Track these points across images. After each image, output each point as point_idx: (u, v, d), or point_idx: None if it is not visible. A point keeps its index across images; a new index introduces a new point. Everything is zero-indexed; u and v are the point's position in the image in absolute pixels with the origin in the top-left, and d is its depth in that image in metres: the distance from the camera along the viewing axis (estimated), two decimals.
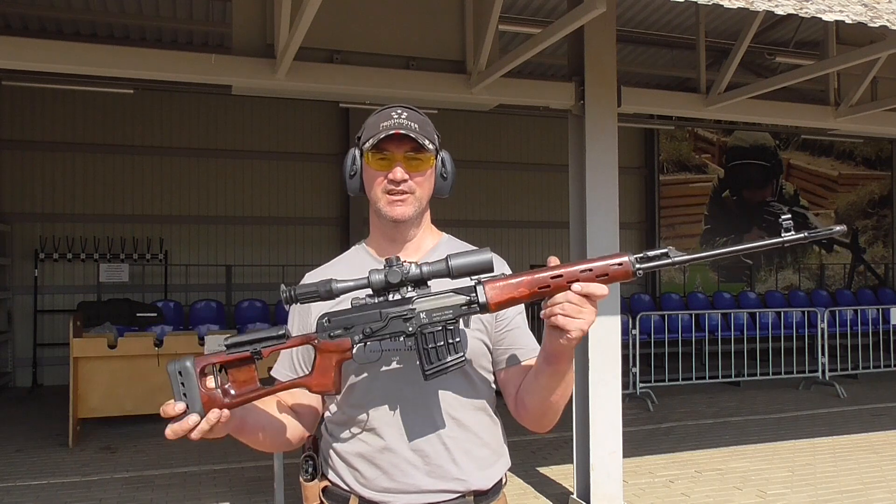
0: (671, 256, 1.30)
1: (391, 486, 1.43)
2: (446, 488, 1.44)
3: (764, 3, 3.00)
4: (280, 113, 10.06)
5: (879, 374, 9.31)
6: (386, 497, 1.44)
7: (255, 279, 10.00)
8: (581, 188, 4.48)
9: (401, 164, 1.45)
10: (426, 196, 1.51)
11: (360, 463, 1.46)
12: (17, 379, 9.06)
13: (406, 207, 1.47)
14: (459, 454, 1.45)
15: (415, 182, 1.47)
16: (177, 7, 7.74)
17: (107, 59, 3.85)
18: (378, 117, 1.49)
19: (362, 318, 1.33)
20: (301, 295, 1.32)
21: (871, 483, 5.04)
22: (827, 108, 5.65)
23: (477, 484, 1.47)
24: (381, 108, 1.53)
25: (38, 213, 9.19)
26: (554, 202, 11.12)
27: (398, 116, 1.47)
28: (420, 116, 1.51)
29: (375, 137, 1.44)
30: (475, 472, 1.47)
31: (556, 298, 1.28)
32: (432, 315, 1.32)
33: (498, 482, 1.53)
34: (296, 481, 5.24)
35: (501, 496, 1.55)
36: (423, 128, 1.48)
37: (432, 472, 1.43)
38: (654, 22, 8.34)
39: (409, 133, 1.42)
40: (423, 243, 1.57)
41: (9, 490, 4.93)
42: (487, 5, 4.07)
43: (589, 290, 1.28)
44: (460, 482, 1.45)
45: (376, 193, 1.48)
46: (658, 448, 5.95)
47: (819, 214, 12.86)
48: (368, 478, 1.45)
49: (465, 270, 1.31)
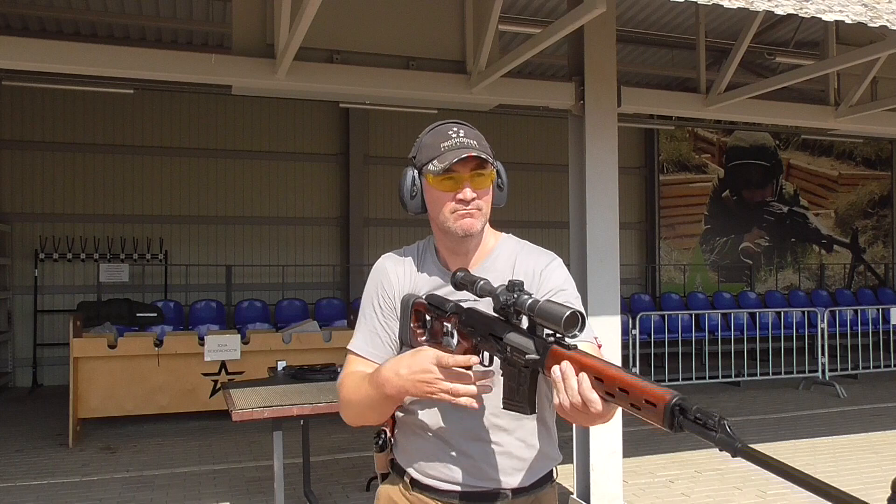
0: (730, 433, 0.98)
1: (436, 474, 1.53)
2: (484, 487, 1.52)
3: (764, 3, 3.00)
4: (280, 113, 10.06)
5: (879, 374, 9.31)
6: (431, 482, 1.54)
7: (255, 279, 10.00)
8: (581, 188, 4.48)
9: (468, 183, 1.48)
10: (489, 209, 1.55)
11: (414, 448, 1.57)
12: (17, 379, 9.06)
13: (475, 222, 1.50)
14: (501, 458, 1.52)
15: (481, 199, 1.51)
16: (177, 7, 7.74)
17: (107, 59, 3.85)
18: (435, 137, 1.51)
19: (484, 323, 1.36)
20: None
21: (872, 483, 5.04)
22: (827, 108, 5.64)
23: (516, 483, 1.53)
24: (434, 125, 1.55)
25: (38, 213, 9.19)
26: (554, 202, 11.12)
27: (457, 135, 1.48)
28: (474, 131, 1.53)
29: (443, 160, 1.45)
30: (515, 474, 1.53)
31: (558, 391, 1.19)
32: (513, 353, 1.29)
33: (542, 478, 1.58)
34: (296, 481, 5.22)
35: (549, 489, 1.61)
36: (481, 143, 1.50)
37: (472, 470, 1.51)
38: (654, 22, 8.34)
39: (479, 154, 1.45)
40: (486, 245, 1.61)
41: (9, 490, 4.93)
42: (487, 5, 4.06)
43: (584, 392, 1.16)
44: (497, 482, 1.52)
45: (444, 213, 1.51)
46: (658, 448, 5.95)
47: (819, 214, 12.86)
48: (419, 463, 1.55)
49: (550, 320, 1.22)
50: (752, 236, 12.41)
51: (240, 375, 6.36)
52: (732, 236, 12.26)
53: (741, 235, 12.31)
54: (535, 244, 1.64)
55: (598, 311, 4.42)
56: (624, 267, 6.77)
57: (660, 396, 1.04)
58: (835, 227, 13.00)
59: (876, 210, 13.30)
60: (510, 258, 1.59)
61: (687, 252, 12.05)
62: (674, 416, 1.03)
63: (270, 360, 5.49)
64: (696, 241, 12.07)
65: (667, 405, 1.03)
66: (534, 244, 1.64)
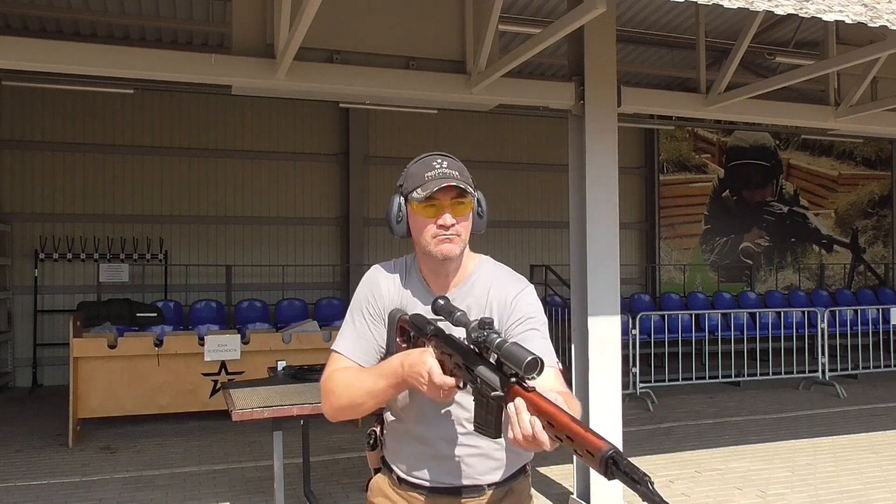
0: (652, 490, 1.11)
1: (420, 474, 1.70)
2: (464, 483, 1.68)
3: (764, 3, 3.00)
4: (280, 113, 10.06)
5: (879, 374, 9.31)
6: (416, 480, 1.71)
7: (255, 279, 10.00)
8: (581, 188, 4.48)
9: (448, 210, 1.63)
10: (468, 234, 1.70)
11: (399, 448, 1.74)
12: (17, 379, 9.05)
13: (453, 247, 1.65)
14: (478, 460, 1.68)
15: (460, 225, 1.65)
16: (177, 7, 7.74)
17: (107, 59, 3.85)
18: (420, 167, 1.66)
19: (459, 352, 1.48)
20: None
21: (872, 483, 5.04)
22: (827, 108, 5.64)
23: (493, 479, 1.69)
24: (420, 157, 1.70)
25: (38, 213, 9.19)
26: (554, 202, 11.12)
27: (440, 166, 1.64)
28: (457, 163, 1.69)
29: (426, 188, 1.60)
30: (492, 473, 1.69)
31: (512, 425, 1.31)
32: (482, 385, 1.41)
33: (516, 472, 1.73)
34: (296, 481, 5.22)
35: (522, 479, 1.76)
36: (462, 174, 1.66)
37: (453, 470, 1.68)
38: (654, 22, 8.34)
39: (458, 184, 1.61)
40: (466, 269, 1.76)
41: (9, 490, 4.93)
42: (487, 5, 4.07)
43: (536, 433, 1.27)
44: (476, 479, 1.68)
45: (426, 238, 1.65)
46: (658, 448, 5.94)
47: (819, 214, 12.87)
48: (403, 461, 1.73)
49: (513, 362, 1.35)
50: (752, 236, 12.41)
51: (240, 375, 6.36)
52: (732, 236, 12.26)
53: (741, 235, 12.31)
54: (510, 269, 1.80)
55: (598, 311, 4.42)
56: (624, 267, 6.77)
57: (596, 448, 1.16)
58: (835, 227, 13.00)
59: (876, 210, 13.30)
60: (486, 284, 1.74)
61: (687, 252, 12.05)
62: (608, 466, 1.15)
63: (270, 360, 5.49)
64: (696, 241, 12.07)
65: (602, 456, 1.15)
66: (509, 269, 1.79)
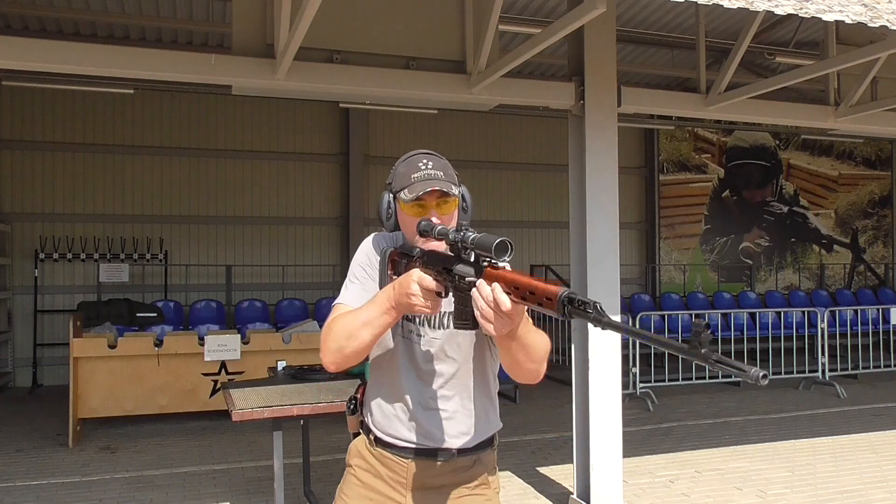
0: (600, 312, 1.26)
1: (394, 433, 1.81)
2: (434, 445, 1.79)
3: (764, 3, 3.00)
4: (280, 113, 10.06)
5: (879, 374, 9.31)
6: (390, 440, 1.82)
7: (255, 279, 10.01)
8: (581, 188, 4.48)
9: (434, 209, 1.72)
10: None
11: (378, 413, 1.85)
12: (17, 379, 9.06)
13: (439, 244, 1.68)
14: (448, 423, 1.79)
15: (445, 222, 1.72)
16: (177, 7, 7.74)
17: (107, 59, 3.85)
18: (407, 167, 1.76)
19: (439, 260, 1.60)
20: None
21: (872, 483, 5.04)
22: (827, 108, 5.64)
23: (460, 444, 1.80)
24: (407, 156, 1.80)
25: (38, 213, 9.19)
26: (554, 202, 11.13)
27: (426, 167, 1.73)
28: (442, 161, 1.78)
29: (413, 190, 1.70)
30: (460, 437, 1.80)
31: (475, 299, 1.44)
32: (460, 280, 1.53)
33: (484, 441, 1.84)
34: (296, 481, 5.22)
35: (490, 451, 1.87)
36: (447, 173, 1.75)
37: (423, 432, 1.79)
38: (654, 22, 8.35)
39: (441, 188, 1.70)
40: None
41: (9, 490, 4.93)
42: (487, 5, 4.07)
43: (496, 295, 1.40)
44: (444, 442, 1.79)
45: (414, 234, 1.73)
46: (658, 448, 5.95)
47: (819, 214, 12.87)
48: (380, 422, 1.84)
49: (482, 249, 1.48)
50: (752, 236, 12.41)
51: (240, 375, 6.36)
52: (732, 236, 12.26)
53: (741, 235, 12.31)
54: None
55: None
56: (624, 267, 6.77)
57: (553, 293, 1.31)
58: (835, 227, 13.00)
59: (876, 210, 13.31)
60: None
61: (687, 252, 12.06)
62: (564, 306, 1.28)
63: (270, 360, 5.49)
64: (696, 241, 12.08)
65: (560, 297, 1.29)
66: None
